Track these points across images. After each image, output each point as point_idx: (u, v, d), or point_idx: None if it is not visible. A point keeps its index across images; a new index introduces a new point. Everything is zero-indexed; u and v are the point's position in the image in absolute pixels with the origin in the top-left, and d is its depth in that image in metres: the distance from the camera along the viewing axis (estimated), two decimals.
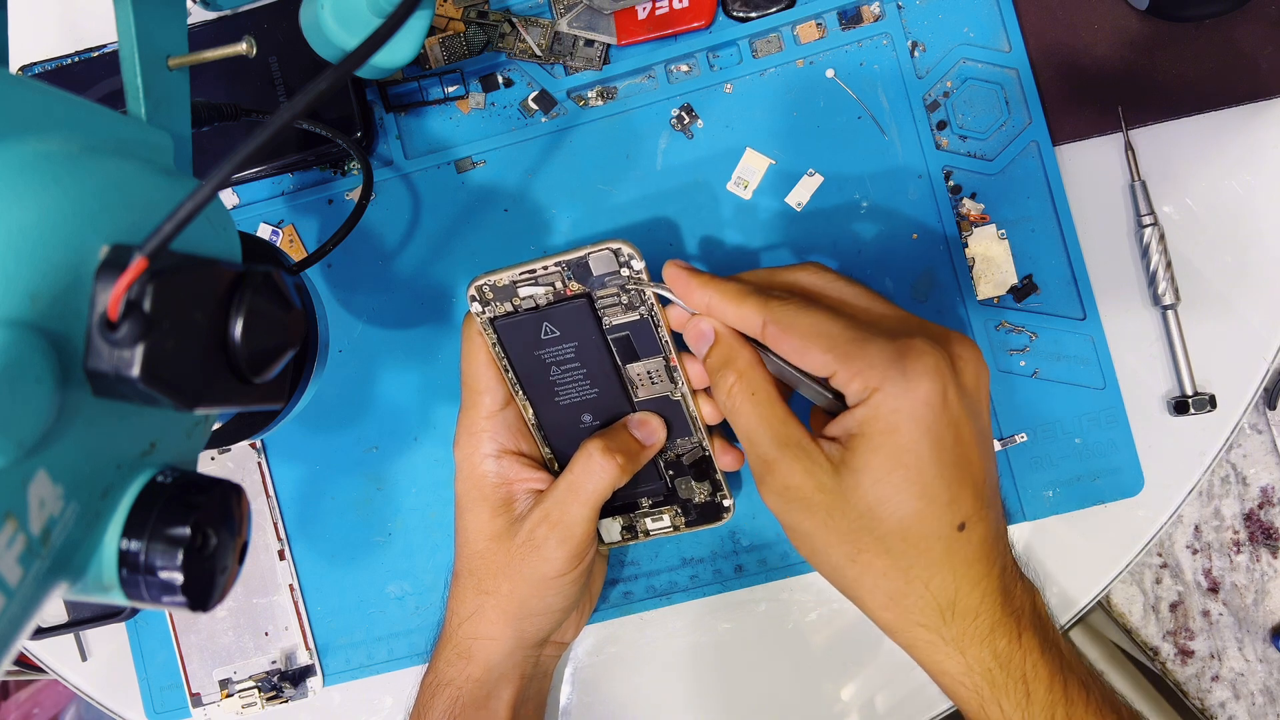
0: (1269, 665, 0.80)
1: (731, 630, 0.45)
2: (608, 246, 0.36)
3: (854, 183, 0.43)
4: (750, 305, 0.33)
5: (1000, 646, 0.32)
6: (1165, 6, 0.41)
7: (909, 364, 0.30)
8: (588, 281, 0.37)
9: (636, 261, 0.36)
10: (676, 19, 0.43)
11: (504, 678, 0.40)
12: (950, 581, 0.32)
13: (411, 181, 0.45)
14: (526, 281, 0.37)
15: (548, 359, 0.38)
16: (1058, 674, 0.32)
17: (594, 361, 0.38)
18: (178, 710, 0.46)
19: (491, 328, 0.38)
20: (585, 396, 0.39)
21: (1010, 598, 0.32)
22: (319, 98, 0.20)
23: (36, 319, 0.19)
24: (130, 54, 0.27)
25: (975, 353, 0.33)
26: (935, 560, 0.31)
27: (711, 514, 0.41)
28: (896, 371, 0.30)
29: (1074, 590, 0.44)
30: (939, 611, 0.32)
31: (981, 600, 0.32)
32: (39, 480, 0.19)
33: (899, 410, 0.30)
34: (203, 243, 0.26)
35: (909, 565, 0.32)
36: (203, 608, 0.22)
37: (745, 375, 0.34)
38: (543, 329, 0.38)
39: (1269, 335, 0.42)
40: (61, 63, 0.45)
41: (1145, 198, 0.42)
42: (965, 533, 0.31)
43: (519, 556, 0.38)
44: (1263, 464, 0.81)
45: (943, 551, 0.31)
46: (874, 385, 0.31)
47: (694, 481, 0.41)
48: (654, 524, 0.41)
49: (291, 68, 0.43)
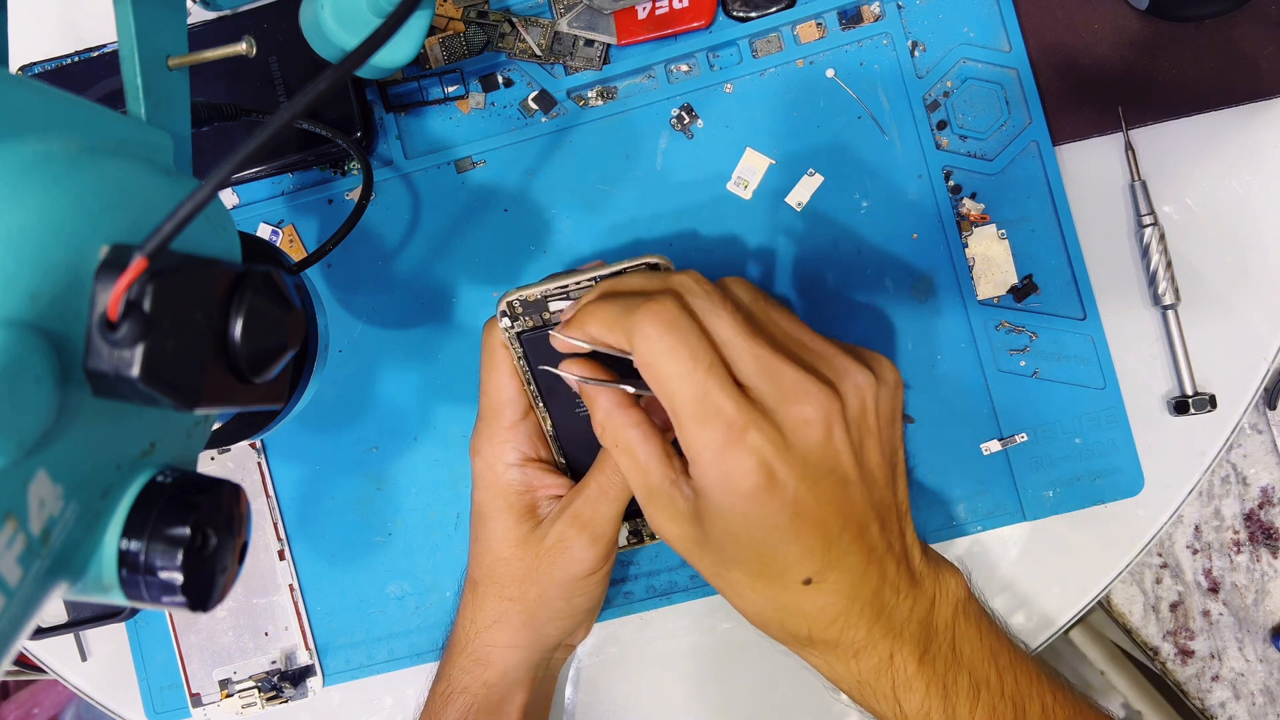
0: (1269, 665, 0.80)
1: (731, 630, 0.45)
2: (645, 261, 0.36)
3: (854, 183, 0.43)
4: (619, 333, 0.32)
5: (867, 666, 0.33)
6: (1165, 6, 0.41)
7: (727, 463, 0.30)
8: None
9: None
10: (676, 19, 0.43)
11: (518, 684, 0.40)
12: (803, 625, 0.33)
13: (411, 181, 0.45)
14: (558, 296, 0.36)
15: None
16: (936, 684, 0.33)
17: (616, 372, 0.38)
18: (178, 710, 0.46)
19: (518, 341, 0.38)
20: None
21: (885, 617, 0.33)
22: (319, 98, 0.20)
23: (36, 319, 0.19)
24: (130, 54, 0.27)
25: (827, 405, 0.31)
26: (785, 608, 0.33)
27: None
28: (716, 469, 0.30)
29: (1074, 590, 0.43)
30: (796, 643, 0.34)
31: (840, 634, 0.33)
32: (39, 480, 0.19)
33: (722, 501, 0.31)
34: (203, 243, 0.26)
35: (761, 609, 0.33)
36: (203, 608, 0.22)
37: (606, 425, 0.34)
38: None
39: (1269, 335, 0.42)
40: (61, 63, 0.45)
41: (1145, 198, 0.42)
42: (814, 585, 0.32)
43: (548, 560, 0.38)
44: (1263, 464, 0.81)
45: (791, 602, 0.33)
46: (698, 466, 0.31)
47: None
48: None
49: (291, 68, 0.43)
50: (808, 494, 0.31)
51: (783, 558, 0.31)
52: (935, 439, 0.43)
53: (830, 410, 0.31)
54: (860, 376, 0.32)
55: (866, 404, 0.32)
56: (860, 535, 0.32)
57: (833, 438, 0.31)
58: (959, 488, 0.43)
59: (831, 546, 0.31)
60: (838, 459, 0.31)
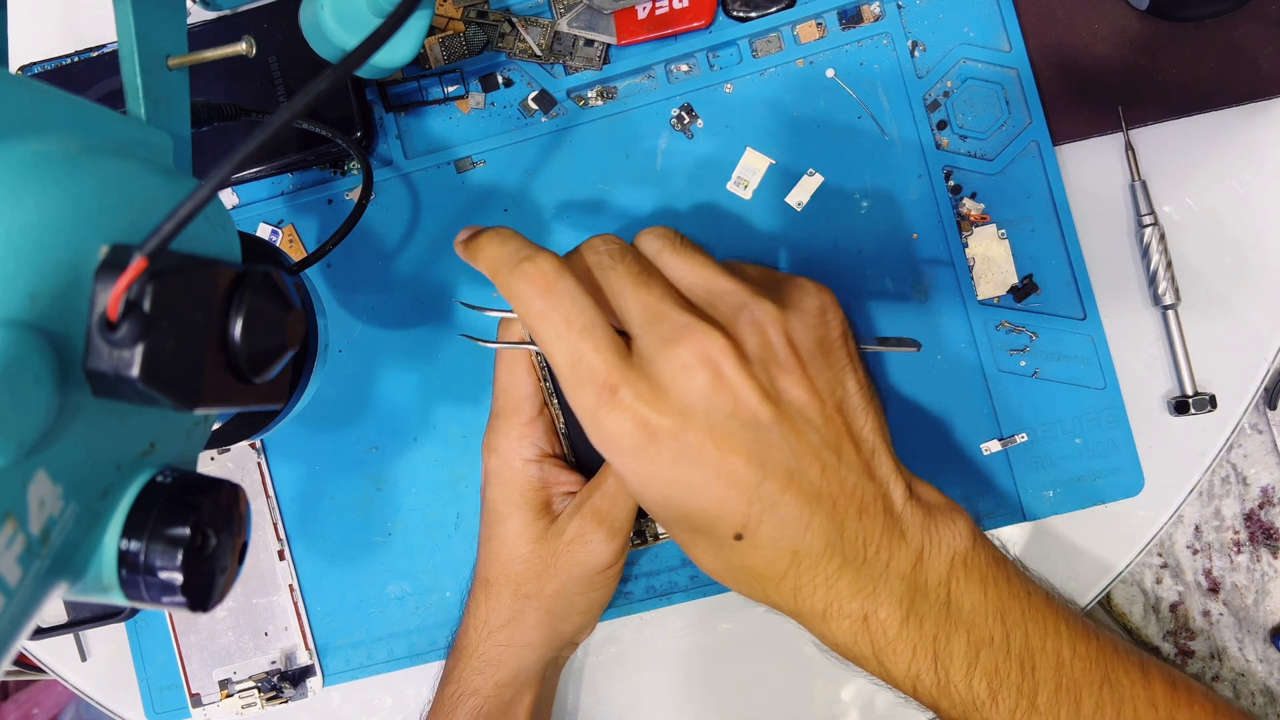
0: (1269, 665, 0.80)
1: (731, 630, 0.45)
2: None
3: (854, 183, 0.43)
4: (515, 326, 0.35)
5: (838, 631, 0.30)
6: (1165, 6, 0.41)
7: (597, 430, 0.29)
8: None
9: None
10: (676, 19, 0.43)
11: (528, 683, 0.40)
12: (755, 585, 0.31)
13: (411, 181, 0.45)
14: None
15: None
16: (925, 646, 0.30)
17: None
18: (178, 710, 0.46)
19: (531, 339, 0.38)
20: None
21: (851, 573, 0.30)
22: (319, 98, 0.20)
23: (36, 319, 0.19)
24: (130, 54, 0.27)
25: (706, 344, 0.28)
26: (731, 564, 0.31)
27: None
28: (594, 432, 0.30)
29: (1074, 590, 0.43)
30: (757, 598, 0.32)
31: (795, 594, 0.30)
32: (39, 480, 0.19)
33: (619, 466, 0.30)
34: (203, 243, 0.26)
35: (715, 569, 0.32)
36: (202, 608, 0.22)
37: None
38: None
39: (1269, 335, 0.42)
40: (61, 63, 0.45)
41: (1145, 198, 0.42)
42: (746, 541, 0.29)
43: (566, 554, 0.38)
44: (1263, 464, 0.81)
45: (735, 559, 0.30)
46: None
47: None
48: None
49: (291, 68, 0.43)
50: (702, 443, 0.28)
51: (699, 513, 0.29)
52: (935, 439, 0.43)
53: (712, 350, 0.28)
54: (759, 310, 0.29)
55: (770, 337, 0.29)
56: (790, 481, 0.29)
57: (724, 380, 0.28)
58: (959, 488, 0.43)
59: (753, 498, 0.29)
60: (736, 402, 0.29)
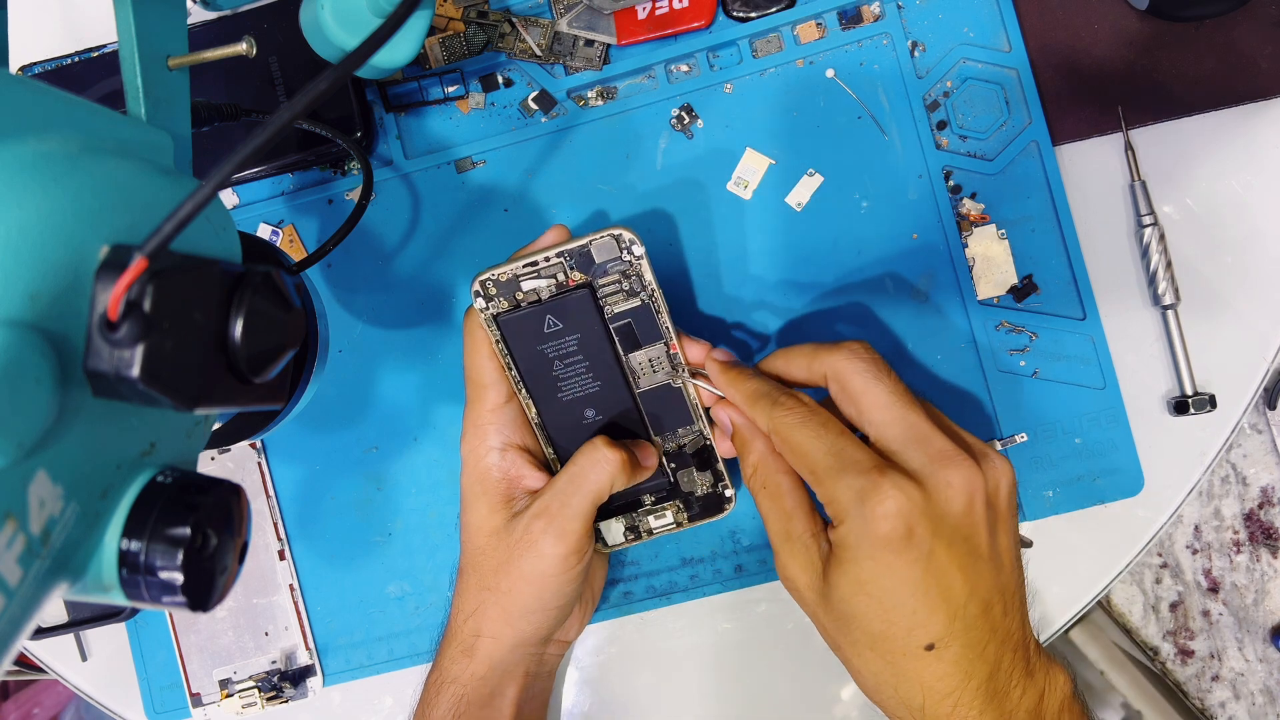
0: (1269, 665, 0.80)
1: (731, 630, 0.45)
2: (609, 233, 0.36)
3: (854, 183, 0.43)
4: (758, 411, 0.36)
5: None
6: (1165, 6, 0.41)
7: (870, 507, 0.32)
8: (590, 270, 0.37)
9: (637, 247, 0.37)
10: (676, 19, 0.43)
11: (508, 675, 0.40)
12: (918, 693, 0.33)
13: (411, 181, 0.45)
14: (529, 275, 0.37)
15: (550, 353, 0.38)
16: None
17: (596, 353, 0.38)
18: (178, 710, 0.46)
19: (495, 324, 0.38)
20: (588, 391, 0.39)
21: (996, 702, 0.33)
22: (319, 98, 0.20)
23: (36, 319, 0.19)
24: (130, 54, 0.28)
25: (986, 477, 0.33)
26: (903, 673, 0.33)
27: (714, 506, 0.41)
28: (858, 511, 0.32)
29: (1074, 590, 0.44)
30: (909, 712, 0.34)
31: (953, 709, 0.33)
32: (39, 480, 0.19)
33: (859, 547, 0.32)
34: (203, 243, 0.26)
35: (877, 673, 0.34)
36: (203, 608, 0.22)
37: (758, 468, 0.37)
38: (545, 322, 0.38)
39: (1269, 335, 0.42)
40: (61, 63, 0.45)
41: (1145, 198, 0.42)
42: (935, 652, 0.33)
43: (517, 553, 0.38)
44: (1263, 464, 0.81)
45: (910, 667, 0.33)
46: (838, 516, 0.33)
47: (696, 472, 0.41)
48: (657, 522, 0.41)
49: (291, 68, 0.43)
50: (941, 554, 0.32)
51: (908, 615, 0.32)
52: None
53: (974, 482, 0.33)
54: (999, 461, 0.34)
55: (1002, 487, 0.34)
56: (985, 612, 0.33)
57: (973, 508, 0.33)
58: None
59: (956, 615, 0.32)
60: (974, 530, 0.33)
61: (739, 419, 0.38)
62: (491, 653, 0.39)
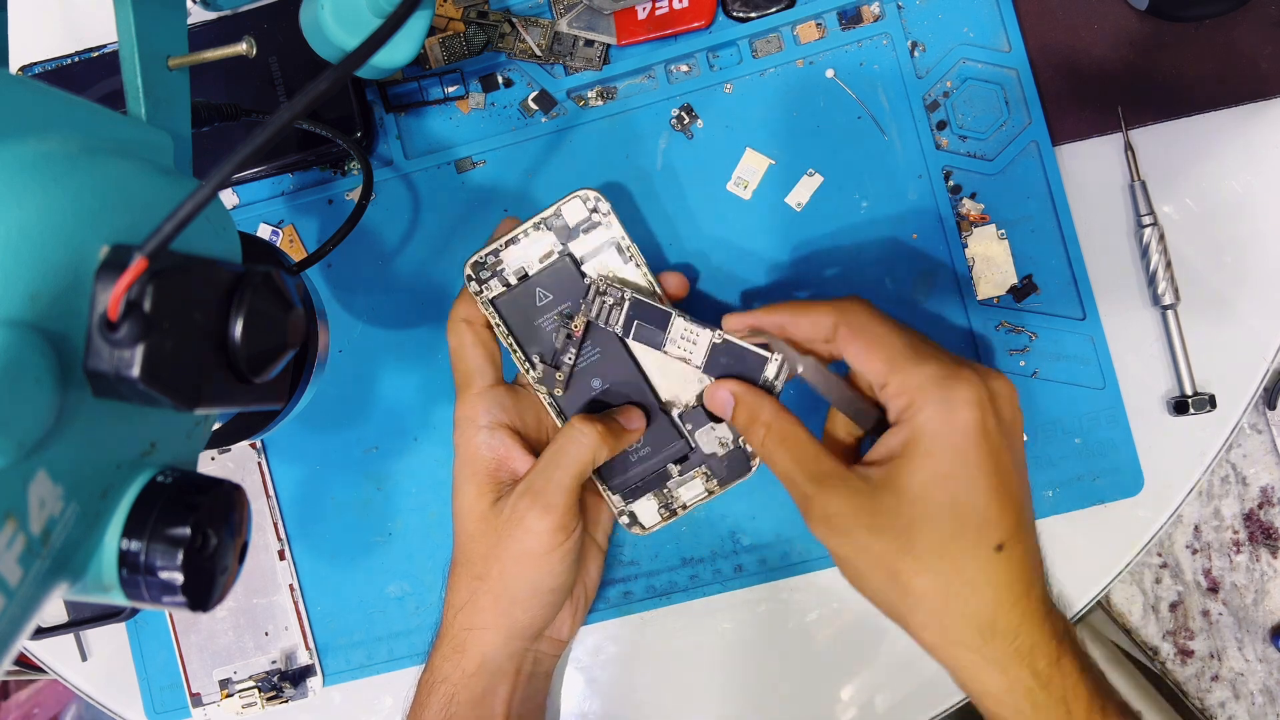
0: (1269, 665, 0.80)
1: (731, 630, 0.45)
2: (576, 196, 0.39)
3: (854, 183, 0.43)
4: (822, 311, 0.35)
5: (1040, 667, 0.33)
6: (1165, 6, 0.41)
7: (955, 389, 0.32)
8: (566, 236, 0.39)
9: (603, 204, 0.39)
10: (676, 19, 0.43)
11: (500, 673, 0.39)
12: (989, 600, 0.32)
13: (411, 181, 0.45)
14: (510, 248, 0.39)
15: (548, 326, 0.40)
16: (1095, 697, 0.33)
17: None
18: (178, 710, 0.46)
19: (493, 307, 0.39)
20: (590, 360, 0.40)
21: (1049, 620, 0.33)
22: (319, 98, 0.20)
23: (36, 319, 0.19)
24: (130, 54, 0.28)
25: (1013, 392, 0.34)
26: (973, 579, 0.32)
27: (740, 465, 0.41)
28: (940, 394, 0.32)
29: (1074, 590, 0.44)
30: (978, 630, 0.32)
31: (1021, 620, 0.32)
32: (39, 480, 0.19)
33: (939, 434, 0.32)
34: (203, 243, 0.26)
35: (947, 584, 0.32)
36: (203, 608, 0.22)
37: (772, 425, 0.36)
38: (537, 295, 0.39)
39: (1269, 335, 0.42)
40: (61, 63, 0.45)
41: (1145, 198, 0.42)
42: (1003, 553, 0.32)
43: (505, 534, 0.38)
44: (1263, 464, 0.81)
45: (980, 570, 0.32)
46: (919, 405, 0.32)
47: (714, 429, 0.41)
48: (689, 494, 0.41)
49: (291, 68, 0.43)
50: (1004, 452, 0.32)
51: (982, 510, 0.32)
52: None
53: (1014, 391, 0.34)
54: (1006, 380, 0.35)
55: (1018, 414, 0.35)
56: (1032, 525, 0.34)
57: (1018, 414, 0.34)
58: None
59: (1019, 515, 0.33)
60: (1018, 435, 0.34)
61: (738, 388, 0.37)
62: (483, 647, 0.39)
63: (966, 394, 0.32)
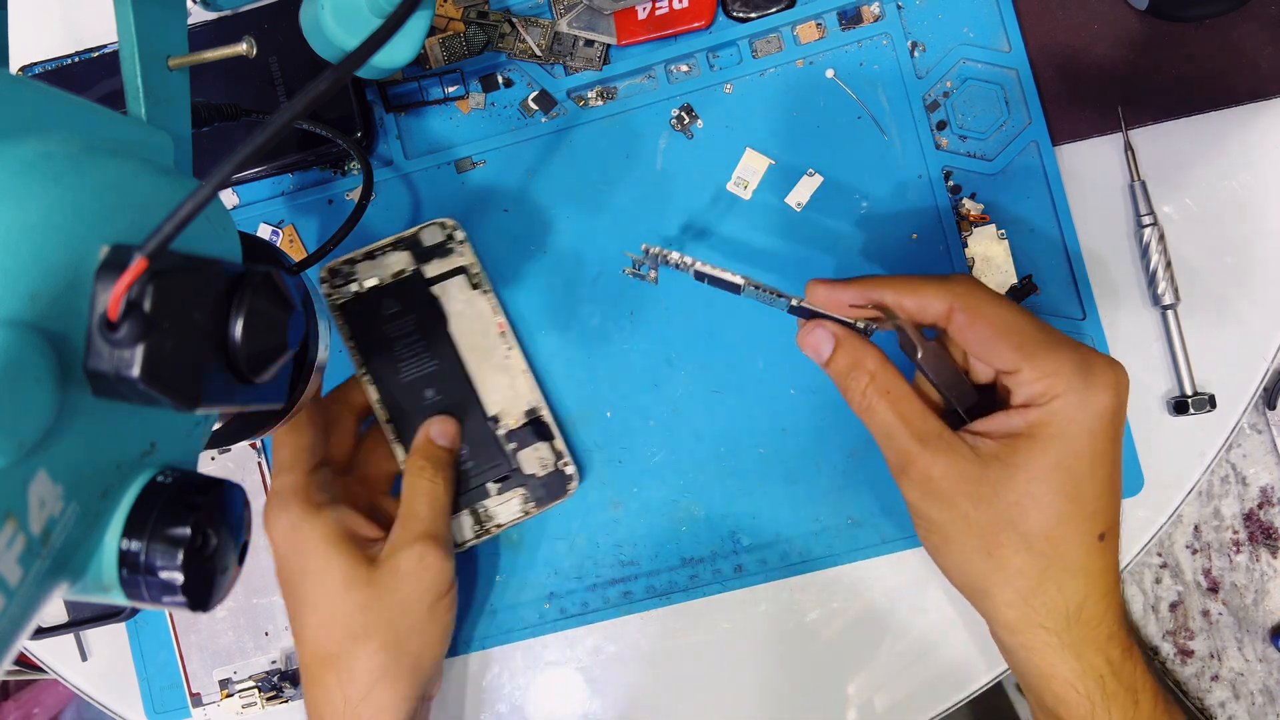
0: (1269, 665, 0.80)
1: (731, 630, 0.45)
2: (435, 222, 0.42)
3: (854, 183, 0.43)
4: (932, 290, 0.33)
5: (1114, 655, 0.33)
6: (1165, 6, 0.41)
7: (1094, 375, 0.31)
8: (422, 256, 0.42)
9: (459, 232, 0.42)
10: (676, 19, 0.43)
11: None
12: (1082, 587, 0.32)
13: (411, 181, 0.45)
14: (366, 261, 0.42)
15: (391, 334, 0.42)
16: (1160, 690, 0.34)
17: (431, 332, 0.42)
18: (178, 710, 0.46)
19: (340, 311, 0.42)
20: (425, 370, 0.42)
21: (1125, 612, 0.34)
22: (319, 98, 0.20)
23: (36, 319, 0.19)
24: (130, 54, 0.28)
25: (1127, 378, 0.33)
26: (1072, 565, 0.32)
27: (557, 488, 0.42)
28: (1081, 381, 0.31)
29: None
30: (1065, 615, 0.32)
31: (1106, 609, 0.33)
32: (39, 480, 0.19)
33: (1076, 420, 0.31)
34: (203, 243, 0.26)
35: (1046, 566, 0.32)
36: (203, 608, 0.22)
37: (877, 375, 0.34)
38: (384, 304, 0.42)
39: (1269, 335, 0.42)
40: (61, 63, 0.45)
41: (1145, 198, 0.42)
42: (1104, 543, 0.32)
43: (409, 584, 0.38)
44: (1263, 464, 0.81)
45: (1081, 557, 0.32)
46: (1057, 391, 0.31)
47: (537, 447, 0.42)
48: (505, 514, 0.42)
49: (291, 68, 0.43)
50: (1118, 444, 0.32)
51: (1095, 499, 0.32)
52: None
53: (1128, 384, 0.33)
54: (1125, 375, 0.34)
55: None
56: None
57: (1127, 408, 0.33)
58: None
59: (1118, 510, 0.33)
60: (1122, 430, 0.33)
61: (840, 330, 0.35)
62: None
63: (1106, 380, 0.31)
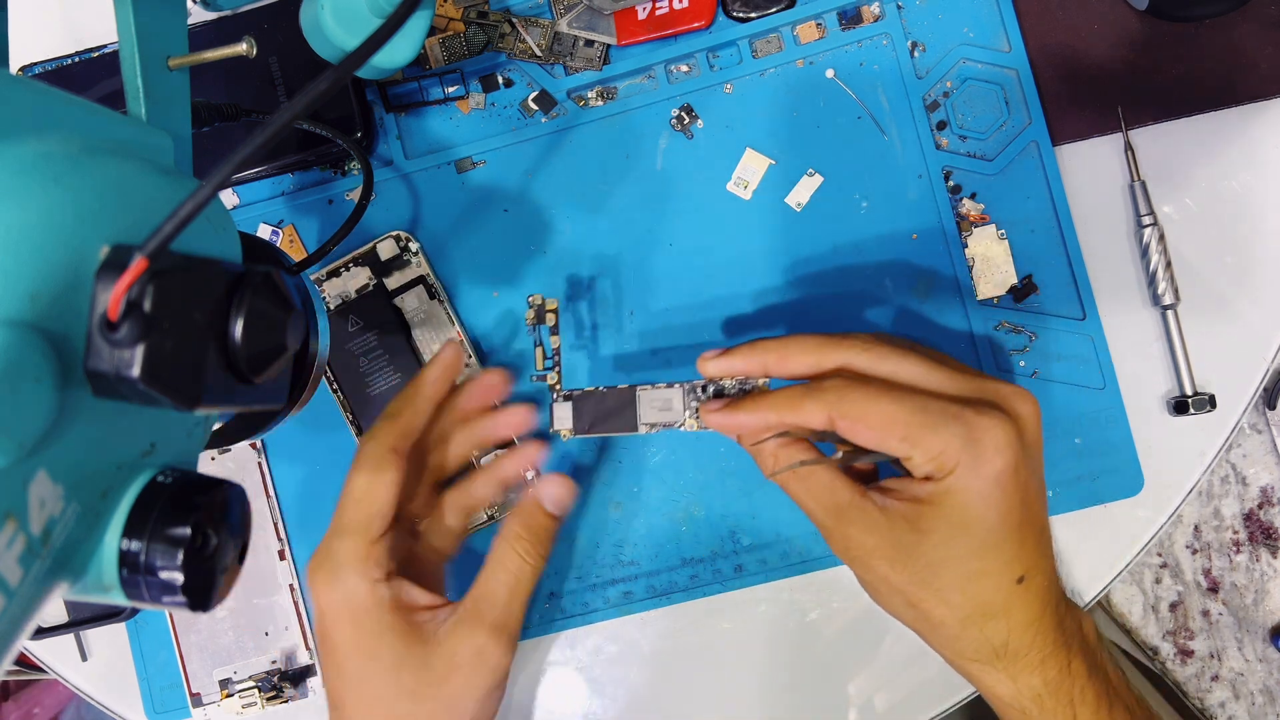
0: (1269, 665, 0.80)
1: (732, 630, 0.45)
2: (390, 235, 0.44)
3: (854, 183, 0.43)
4: (811, 407, 0.33)
5: (1050, 675, 0.33)
6: (1165, 6, 0.41)
7: (981, 445, 0.31)
8: (379, 270, 0.44)
9: (413, 244, 0.44)
10: (676, 19, 0.43)
11: None
12: (1004, 629, 0.33)
13: (411, 181, 0.45)
14: (331, 280, 0.44)
15: (356, 350, 0.43)
16: (1104, 698, 0.34)
17: (394, 347, 0.43)
18: (178, 710, 0.46)
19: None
20: (391, 385, 0.44)
21: (1062, 630, 0.34)
22: (319, 98, 0.20)
23: (36, 319, 0.19)
24: (130, 54, 0.28)
25: (1035, 407, 0.34)
26: (992, 609, 0.33)
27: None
28: (970, 454, 0.31)
29: (1074, 590, 0.44)
30: (993, 651, 0.34)
31: (1034, 640, 0.33)
32: (39, 480, 0.19)
33: (970, 488, 0.32)
34: (203, 243, 0.26)
35: (965, 616, 0.33)
36: (203, 608, 0.22)
37: (779, 456, 0.35)
38: (349, 321, 0.44)
39: (1269, 335, 0.42)
40: (61, 63, 0.45)
41: (1145, 198, 0.42)
42: (1024, 584, 0.33)
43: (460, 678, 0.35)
44: (1263, 464, 0.81)
45: (1000, 602, 0.33)
46: (949, 468, 0.32)
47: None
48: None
49: (291, 68, 0.43)
50: (1030, 483, 0.33)
51: (1008, 549, 0.32)
52: None
53: (1037, 408, 0.34)
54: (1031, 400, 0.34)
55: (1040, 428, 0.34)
56: (1049, 541, 0.34)
57: (1040, 434, 0.34)
58: None
59: (1039, 545, 0.33)
60: (1038, 455, 0.34)
61: (741, 418, 0.35)
62: None
63: (995, 441, 0.31)
